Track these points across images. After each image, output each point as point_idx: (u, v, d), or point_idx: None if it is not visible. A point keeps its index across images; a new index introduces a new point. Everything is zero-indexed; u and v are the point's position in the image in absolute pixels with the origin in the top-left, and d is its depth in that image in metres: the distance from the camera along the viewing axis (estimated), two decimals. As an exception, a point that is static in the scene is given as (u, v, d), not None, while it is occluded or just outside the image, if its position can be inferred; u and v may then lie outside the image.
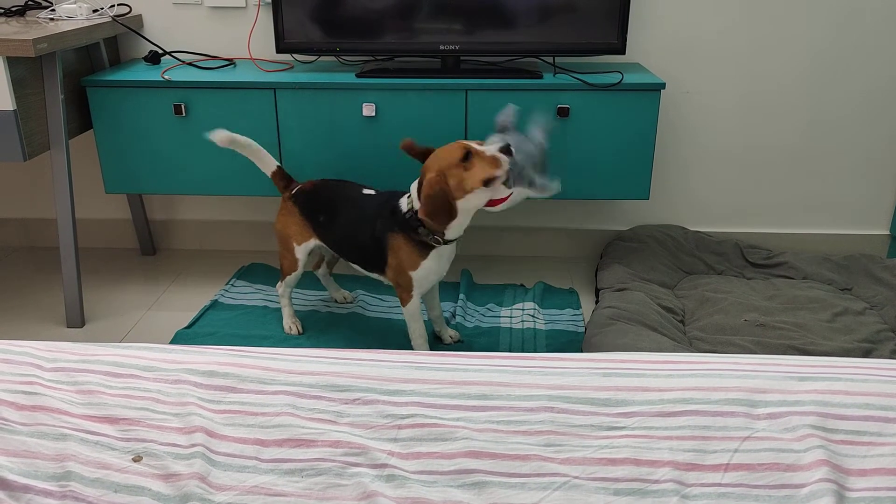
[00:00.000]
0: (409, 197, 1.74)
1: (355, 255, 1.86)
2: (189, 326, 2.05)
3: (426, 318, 1.96)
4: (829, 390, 0.97)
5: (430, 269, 1.75)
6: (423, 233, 1.70)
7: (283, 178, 1.95)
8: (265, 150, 1.93)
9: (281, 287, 2.00)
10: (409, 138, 1.77)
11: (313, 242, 1.91)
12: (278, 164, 1.94)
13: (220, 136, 1.85)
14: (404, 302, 1.80)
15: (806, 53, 2.30)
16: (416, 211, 1.68)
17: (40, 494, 0.81)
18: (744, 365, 1.03)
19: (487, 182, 1.62)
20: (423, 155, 1.74)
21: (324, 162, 2.12)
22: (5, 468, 0.83)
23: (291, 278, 1.97)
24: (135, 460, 0.87)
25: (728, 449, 0.87)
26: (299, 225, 1.90)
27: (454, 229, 1.71)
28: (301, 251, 1.92)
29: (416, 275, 1.74)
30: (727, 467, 0.85)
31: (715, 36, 2.29)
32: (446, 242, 1.73)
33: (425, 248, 1.72)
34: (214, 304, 2.17)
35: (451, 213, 1.63)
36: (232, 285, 2.29)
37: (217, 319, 2.09)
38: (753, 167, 2.44)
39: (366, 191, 1.87)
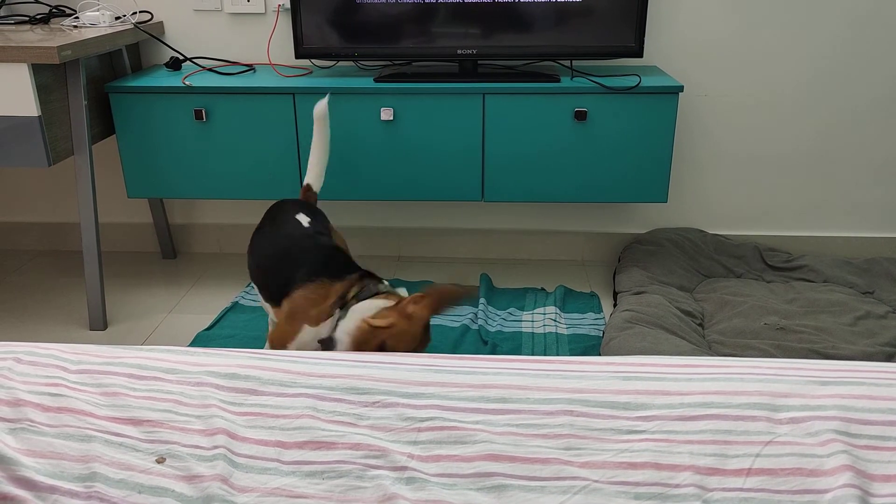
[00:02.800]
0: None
1: None
2: (209, 328, 2.07)
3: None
4: (853, 395, 0.96)
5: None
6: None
7: (304, 193, 1.90)
8: (322, 159, 1.90)
9: None
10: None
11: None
12: (310, 182, 1.90)
13: (321, 108, 1.85)
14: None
15: (824, 55, 2.28)
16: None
17: (66, 495, 0.82)
18: (765, 369, 1.03)
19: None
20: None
21: (341, 166, 2.14)
22: (32, 469, 0.84)
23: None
24: (158, 461, 0.88)
25: (750, 453, 0.87)
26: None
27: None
28: None
29: None
30: (749, 472, 0.85)
31: (733, 38, 2.27)
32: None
33: None
34: (234, 307, 2.19)
35: None
36: (251, 288, 2.31)
37: (237, 321, 2.11)
38: (772, 169, 2.42)
39: (301, 217, 1.76)
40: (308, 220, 1.74)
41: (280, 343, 1.56)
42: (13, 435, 0.90)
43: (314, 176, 1.91)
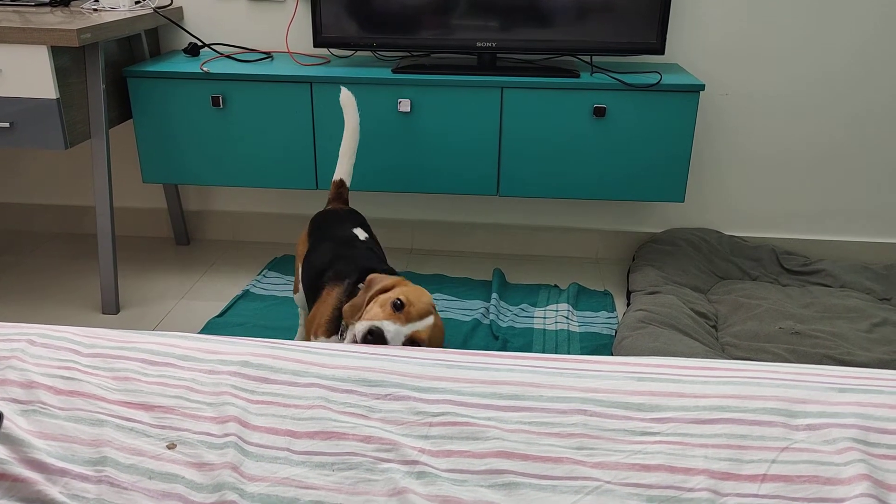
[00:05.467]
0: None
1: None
2: (221, 315, 2.08)
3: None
4: (871, 403, 0.94)
5: None
6: None
7: (336, 189, 1.85)
8: (353, 150, 1.86)
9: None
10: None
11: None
12: (342, 177, 1.86)
13: (346, 95, 1.84)
14: None
15: (846, 56, 2.24)
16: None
17: (76, 478, 0.82)
18: (782, 374, 1.01)
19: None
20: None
21: (357, 157, 2.13)
22: (43, 451, 0.84)
23: (296, 298, 1.84)
24: (169, 447, 0.88)
25: (766, 459, 0.86)
26: (303, 245, 1.77)
27: None
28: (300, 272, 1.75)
29: None
30: (764, 478, 0.84)
31: (756, 38, 2.25)
32: None
33: None
34: (246, 294, 2.19)
35: None
36: (264, 276, 2.31)
37: (248, 309, 2.11)
38: (792, 172, 2.39)
39: (357, 231, 1.73)
40: (365, 234, 1.74)
41: None
42: (25, 417, 0.90)
43: (346, 170, 1.87)
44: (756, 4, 2.21)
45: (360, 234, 1.73)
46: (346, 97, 1.86)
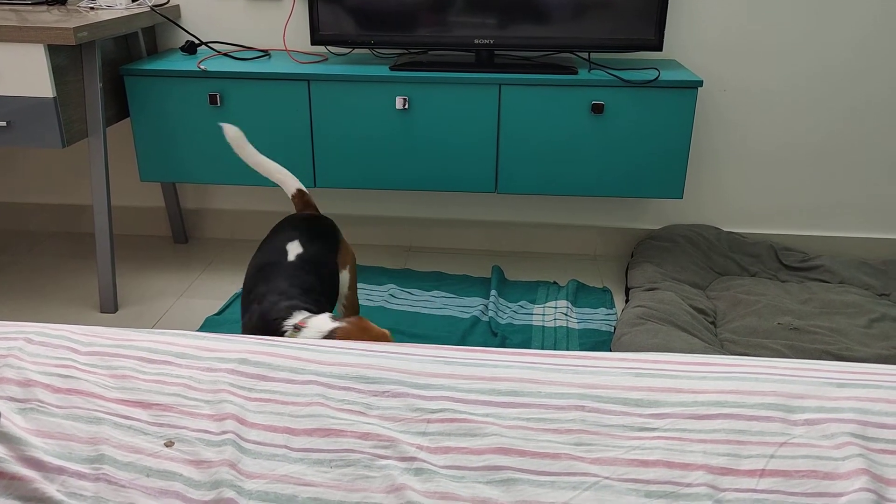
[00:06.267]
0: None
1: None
2: (219, 313, 2.08)
3: None
4: (869, 398, 0.94)
5: None
6: None
7: (300, 200, 1.72)
8: (283, 170, 1.74)
9: None
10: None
11: None
12: (297, 187, 1.73)
13: (232, 130, 1.72)
14: None
15: (845, 52, 2.24)
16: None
17: (74, 476, 0.82)
18: (781, 369, 1.01)
19: None
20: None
21: (356, 154, 2.13)
22: (40, 449, 0.84)
23: None
24: (167, 445, 0.88)
25: (764, 454, 0.86)
26: None
27: None
28: None
29: None
30: (763, 473, 0.83)
31: (754, 34, 2.24)
32: None
33: None
34: (244, 294, 2.19)
35: None
36: (262, 275, 2.31)
37: (247, 308, 2.11)
38: (790, 168, 2.39)
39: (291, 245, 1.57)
40: (299, 249, 1.56)
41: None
42: (23, 415, 0.89)
43: (292, 181, 1.74)
44: (753, 1, 2.21)
45: (293, 249, 1.55)
46: (232, 133, 1.73)
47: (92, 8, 2.17)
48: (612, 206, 2.49)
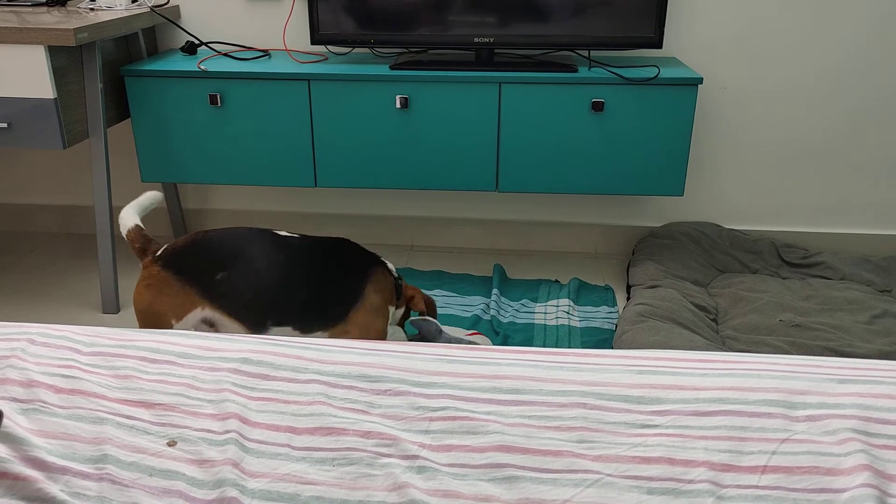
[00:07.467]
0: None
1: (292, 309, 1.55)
2: (221, 315, 2.08)
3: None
4: (871, 394, 0.94)
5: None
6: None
7: (139, 238, 1.57)
8: (138, 206, 1.67)
9: None
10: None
11: (201, 312, 1.51)
12: (138, 223, 1.61)
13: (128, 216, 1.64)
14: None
15: (844, 49, 2.24)
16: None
17: (77, 476, 0.82)
18: (782, 366, 1.01)
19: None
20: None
21: (356, 154, 2.13)
22: (44, 450, 0.84)
23: None
24: (169, 445, 0.88)
25: (766, 451, 0.86)
26: (177, 295, 1.50)
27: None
28: (183, 326, 1.50)
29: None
30: (764, 469, 0.84)
31: (753, 31, 2.24)
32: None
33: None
34: (246, 293, 2.19)
35: None
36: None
37: (248, 308, 2.11)
38: (791, 165, 2.39)
39: (284, 234, 1.60)
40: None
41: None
42: (25, 416, 0.90)
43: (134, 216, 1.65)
44: (754, -3, 2.21)
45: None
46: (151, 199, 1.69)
47: (92, 9, 2.17)
48: (614, 203, 2.49)
